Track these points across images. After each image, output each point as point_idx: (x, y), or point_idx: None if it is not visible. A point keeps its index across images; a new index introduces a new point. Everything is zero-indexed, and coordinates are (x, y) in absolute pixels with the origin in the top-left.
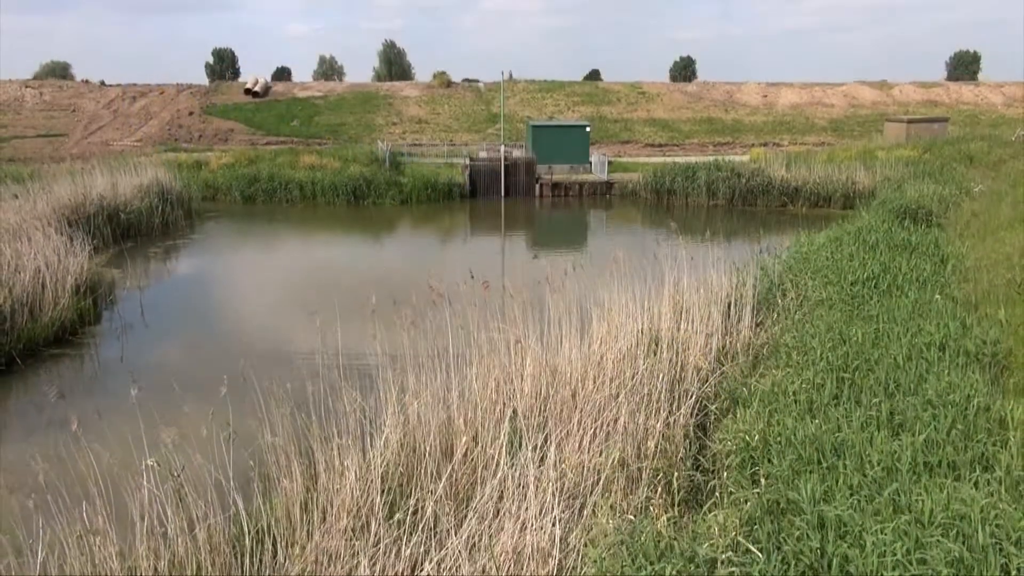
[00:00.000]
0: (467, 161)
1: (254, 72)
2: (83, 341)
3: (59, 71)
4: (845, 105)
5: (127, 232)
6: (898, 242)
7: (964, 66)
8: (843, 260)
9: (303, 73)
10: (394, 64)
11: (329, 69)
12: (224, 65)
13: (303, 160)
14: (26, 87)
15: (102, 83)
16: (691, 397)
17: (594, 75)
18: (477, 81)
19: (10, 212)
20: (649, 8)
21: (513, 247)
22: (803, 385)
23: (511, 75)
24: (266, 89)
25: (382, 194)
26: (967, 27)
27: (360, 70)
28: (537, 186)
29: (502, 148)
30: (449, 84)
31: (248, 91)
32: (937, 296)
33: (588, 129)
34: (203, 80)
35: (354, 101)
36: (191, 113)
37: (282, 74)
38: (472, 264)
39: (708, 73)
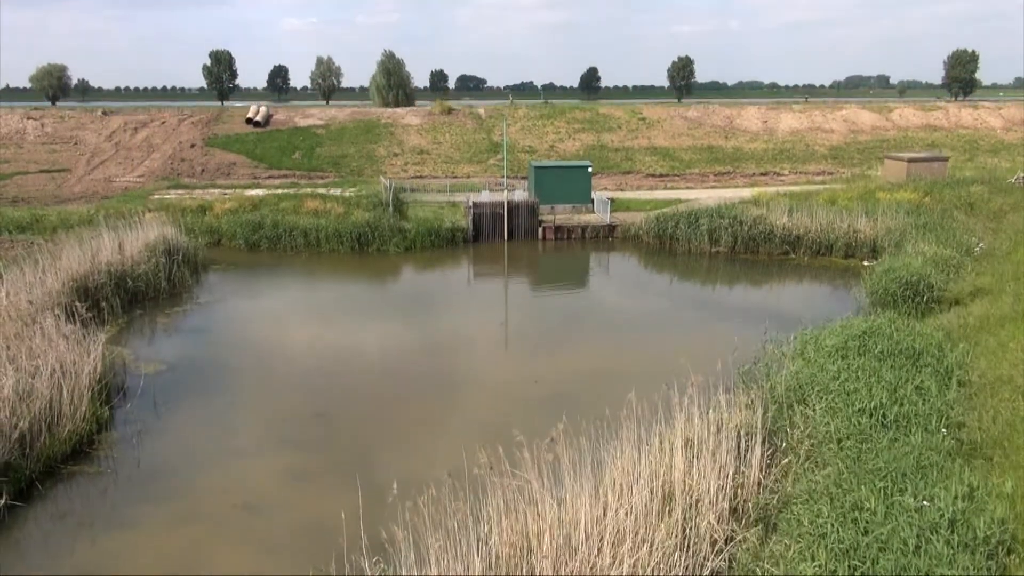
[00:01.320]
0: (470, 203)
1: (253, 71)
2: (100, 453)
3: (56, 72)
4: (845, 131)
5: (134, 297)
6: (903, 348)
7: (962, 65)
8: (850, 380)
9: (300, 73)
10: (393, 75)
11: (327, 70)
12: (221, 67)
13: (307, 205)
14: (28, 118)
15: (103, 112)
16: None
17: (592, 73)
18: (478, 108)
19: (21, 293)
20: (646, 3)
21: (518, 329)
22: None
23: (512, 101)
24: (267, 118)
25: (386, 240)
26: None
27: (358, 69)
28: (540, 229)
29: (504, 193)
30: (450, 111)
31: (249, 120)
32: (943, 432)
33: (590, 169)
34: (200, 82)
35: (356, 131)
36: (193, 145)
37: (279, 73)
38: (474, 341)
39: (706, 72)
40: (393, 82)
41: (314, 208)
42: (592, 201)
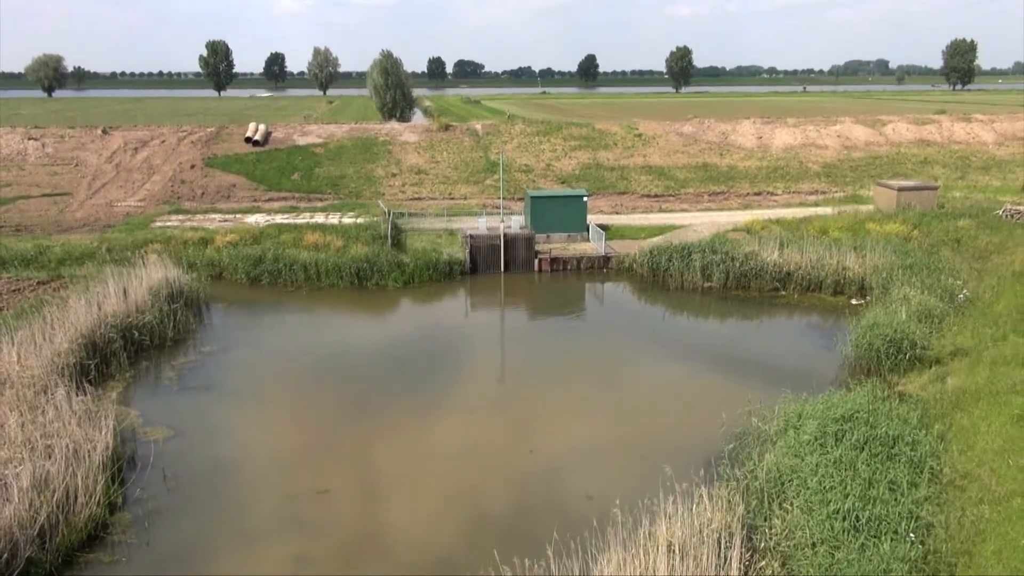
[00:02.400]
0: (467, 234)
1: (249, 54)
2: (114, 537)
3: (51, 63)
4: (838, 146)
5: (140, 347)
6: (880, 435)
7: (961, 55)
8: (827, 475)
9: (297, 58)
10: (391, 75)
11: (324, 61)
12: (218, 59)
13: (307, 238)
14: (29, 139)
15: (103, 131)
16: None
17: (590, 60)
18: (476, 126)
19: (32, 356)
20: None
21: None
22: None
23: (510, 117)
24: (266, 137)
25: (384, 275)
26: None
27: (356, 52)
28: (536, 261)
29: (501, 225)
30: (447, 128)
31: (248, 139)
32: (911, 537)
33: (585, 199)
34: (195, 68)
35: (354, 149)
36: (193, 166)
37: (276, 60)
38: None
39: (705, 58)
40: (391, 82)
41: (314, 241)
42: (588, 228)
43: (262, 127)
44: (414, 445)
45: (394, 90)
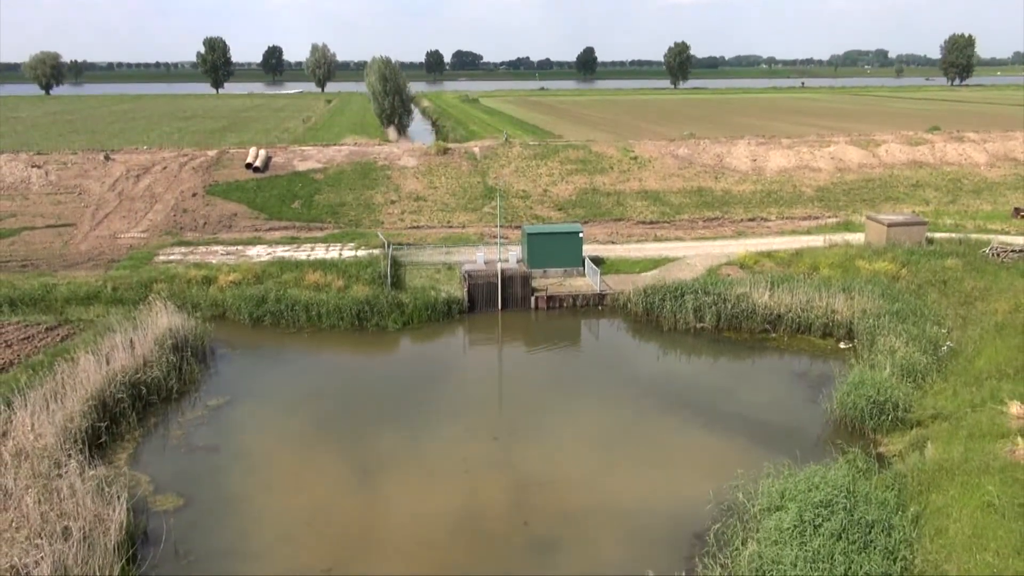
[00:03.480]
0: (465, 271)
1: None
2: None
3: (49, 60)
4: (832, 169)
5: (147, 404)
6: (857, 520)
7: (959, 49)
8: (804, 570)
9: (294, 48)
10: (389, 81)
11: (321, 57)
12: (216, 55)
13: (308, 278)
14: (32, 166)
15: (106, 157)
16: None
17: (588, 53)
18: (474, 148)
19: (43, 420)
20: None
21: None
22: None
23: (507, 138)
24: (266, 163)
25: (384, 316)
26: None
27: (353, 42)
28: (533, 298)
29: (498, 264)
30: (445, 151)
31: (249, 166)
32: None
33: (581, 235)
34: (192, 58)
35: (353, 175)
36: (194, 194)
37: (273, 53)
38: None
39: (704, 48)
40: (389, 88)
41: (315, 281)
42: (584, 261)
43: (262, 152)
44: (414, 512)
45: (392, 96)
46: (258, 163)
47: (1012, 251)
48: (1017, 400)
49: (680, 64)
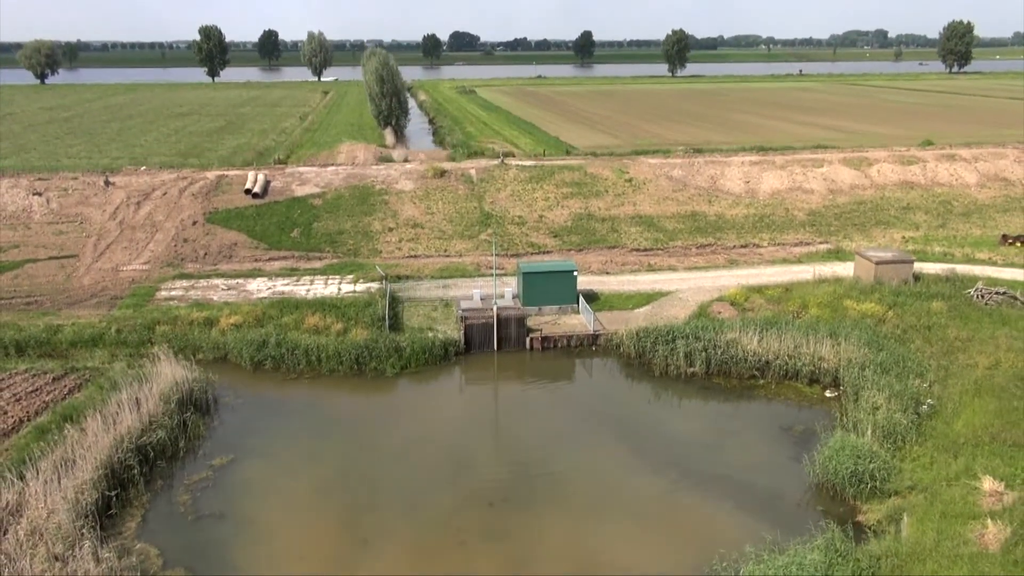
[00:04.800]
0: (461, 311)
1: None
2: None
3: (44, 50)
4: (824, 191)
5: (153, 466)
6: None
7: (958, 37)
8: None
9: (290, 29)
10: (387, 82)
11: (318, 47)
12: (211, 43)
13: (307, 321)
14: (34, 193)
15: (106, 182)
16: None
17: (586, 37)
18: (470, 170)
19: (57, 498)
20: None
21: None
22: None
23: (503, 160)
24: (265, 188)
25: (383, 360)
26: None
27: (351, 25)
28: (528, 340)
29: (495, 307)
30: (442, 174)
31: (248, 191)
32: None
33: (575, 273)
34: (188, 37)
35: (351, 200)
36: (195, 223)
37: (269, 37)
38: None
39: (703, 28)
40: (386, 90)
41: (314, 324)
42: (578, 298)
43: (260, 177)
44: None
45: (390, 98)
46: (257, 188)
47: (996, 293)
48: (990, 475)
49: (679, 52)
